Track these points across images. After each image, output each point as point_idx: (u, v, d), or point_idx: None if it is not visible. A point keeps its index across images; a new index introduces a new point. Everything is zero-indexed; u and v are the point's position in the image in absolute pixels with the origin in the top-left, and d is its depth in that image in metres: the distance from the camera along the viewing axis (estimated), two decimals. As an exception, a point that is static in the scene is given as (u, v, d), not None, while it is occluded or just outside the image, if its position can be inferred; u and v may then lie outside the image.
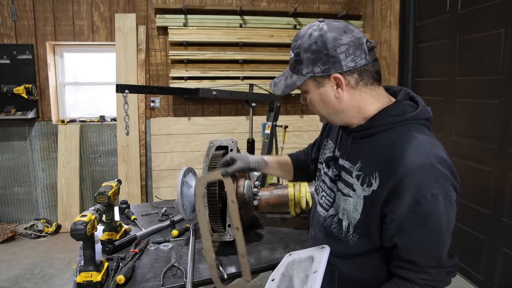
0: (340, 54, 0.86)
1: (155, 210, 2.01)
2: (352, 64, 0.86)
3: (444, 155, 0.86)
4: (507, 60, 2.28)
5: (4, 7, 3.58)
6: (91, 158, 3.93)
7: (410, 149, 0.83)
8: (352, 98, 0.91)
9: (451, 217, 0.84)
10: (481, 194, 2.52)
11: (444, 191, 0.81)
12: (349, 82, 0.89)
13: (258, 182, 1.60)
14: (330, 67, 0.87)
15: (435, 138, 0.91)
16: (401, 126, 0.89)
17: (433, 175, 0.81)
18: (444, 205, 0.81)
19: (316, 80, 0.91)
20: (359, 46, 0.86)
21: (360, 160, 0.94)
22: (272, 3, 4.08)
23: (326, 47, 0.86)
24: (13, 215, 3.86)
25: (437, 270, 0.86)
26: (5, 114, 3.57)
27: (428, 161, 0.82)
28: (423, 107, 0.92)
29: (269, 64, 3.93)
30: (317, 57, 0.87)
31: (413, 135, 0.86)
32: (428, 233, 0.83)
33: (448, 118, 2.83)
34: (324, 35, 0.86)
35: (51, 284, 2.73)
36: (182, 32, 3.69)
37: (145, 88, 2.79)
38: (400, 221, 0.84)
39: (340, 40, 0.86)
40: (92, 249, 1.23)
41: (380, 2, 3.66)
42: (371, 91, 0.92)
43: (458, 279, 2.73)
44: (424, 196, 0.80)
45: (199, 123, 3.94)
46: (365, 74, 0.89)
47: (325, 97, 0.92)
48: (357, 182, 0.93)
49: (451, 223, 0.85)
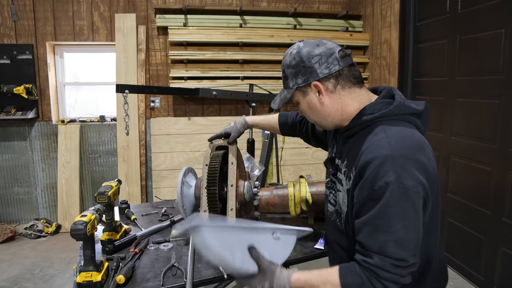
0: (315, 64, 0.99)
1: (155, 210, 2.01)
2: (327, 71, 0.99)
3: (414, 150, 0.90)
4: (507, 60, 2.28)
5: (4, 7, 3.59)
6: (91, 158, 3.93)
7: (376, 142, 0.91)
8: (333, 102, 1.02)
9: (405, 209, 0.86)
10: (481, 194, 2.52)
11: (399, 181, 0.85)
12: (327, 88, 1.01)
13: (258, 182, 1.60)
14: (309, 76, 1.01)
15: (415, 131, 0.96)
16: (376, 123, 0.96)
17: (391, 166, 0.86)
18: (397, 196, 0.85)
19: (301, 90, 1.04)
20: (330, 55, 0.99)
21: (346, 158, 1.03)
22: (272, 3, 4.08)
23: (302, 60, 1.00)
24: (13, 215, 3.86)
25: (379, 257, 0.88)
26: (5, 114, 3.57)
27: (389, 153, 0.87)
28: (399, 103, 0.97)
29: (269, 64, 3.93)
30: (297, 70, 1.02)
31: (382, 130, 0.93)
32: (375, 217, 0.88)
33: (448, 118, 2.83)
34: (300, 51, 1.01)
35: (51, 284, 2.73)
36: (182, 32, 3.68)
37: (145, 88, 2.79)
38: (358, 205, 0.93)
39: (313, 52, 1.00)
40: (92, 249, 1.23)
41: (380, 2, 3.66)
42: (350, 93, 1.02)
43: (458, 279, 2.73)
44: (378, 184, 0.86)
45: (199, 123, 3.94)
46: (341, 78, 1.00)
47: (311, 104, 1.05)
48: (344, 178, 1.03)
49: (407, 216, 0.86)
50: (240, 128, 1.57)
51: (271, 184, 2.41)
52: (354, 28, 4.05)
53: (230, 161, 1.49)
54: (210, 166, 1.47)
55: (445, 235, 2.92)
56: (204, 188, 1.44)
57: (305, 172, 4.05)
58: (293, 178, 4.04)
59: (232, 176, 1.46)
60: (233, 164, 1.48)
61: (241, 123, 1.57)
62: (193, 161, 3.86)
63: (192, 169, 1.68)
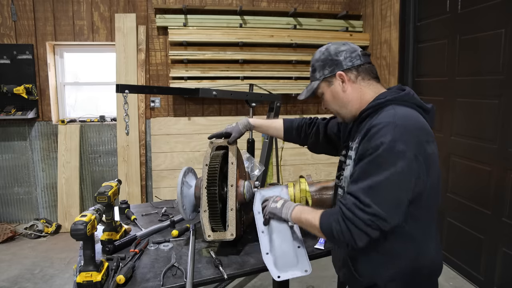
0: (340, 57, 1.15)
1: (155, 210, 2.01)
2: (350, 63, 1.15)
3: (416, 128, 1.00)
4: (507, 60, 2.28)
5: (4, 7, 3.59)
6: (91, 158, 3.93)
7: (384, 114, 1.04)
8: (354, 90, 1.16)
9: (390, 166, 0.95)
10: (481, 194, 2.52)
11: (392, 143, 0.95)
12: (350, 78, 1.15)
13: (258, 182, 1.60)
14: (335, 68, 1.16)
15: (421, 117, 1.06)
16: (388, 105, 1.08)
17: (391, 130, 0.97)
18: (387, 154, 0.96)
19: (327, 80, 1.18)
20: (354, 51, 1.16)
21: (358, 136, 1.12)
22: (272, 3, 4.08)
23: (330, 54, 1.17)
24: (13, 215, 3.86)
25: (350, 198, 1.00)
26: (5, 114, 3.57)
27: (393, 120, 0.99)
28: (409, 92, 1.11)
29: (269, 64, 3.93)
30: (325, 63, 1.17)
31: (392, 108, 1.05)
32: (363, 168, 1.00)
33: (448, 118, 2.83)
34: (328, 48, 1.19)
35: (51, 284, 2.73)
36: (182, 32, 3.68)
37: (145, 88, 2.78)
38: (356, 160, 1.06)
39: (340, 48, 1.16)
40: (92, 249, 1.23)
41: (380, 2, 3.66)
42: (369, 85, 1.16)
43: (458, 279, 2.73)
44: (375, 142, 0.98)
45: (199, 123, 3.94)
46: (361, 71, 1.15)
47: (335, 93, 1.18)
48: (353, 153, 1.12)
49: (391, 174, 0.95)
50: (241, 129, 1.57)
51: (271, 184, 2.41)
52: (354, 28, 4.05)
53: (230, 161, 1.49)
54: (210, 166, 1.47)
55: (445, 235, 2.92)
56: (204, 188, 1.44)
57: (305, 172, 4.05)
58: (293, 178, 4.04)
59: (232, 176, 1.46)
60: (233, 164, 1.48)
61: (243, 124, 1.57)
62: (193, 161, 3.86)
63: (192, 169, 1.68)
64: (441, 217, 2.94)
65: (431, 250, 1.09)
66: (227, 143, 1.55)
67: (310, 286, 2.65)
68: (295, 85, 3.96)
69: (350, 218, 0.97)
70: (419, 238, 1.06)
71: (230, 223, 1.41)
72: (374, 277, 1.09)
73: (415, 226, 1.04)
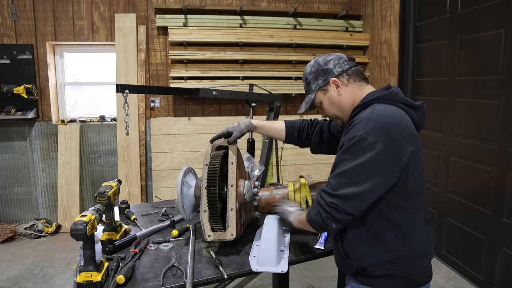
0: (330, 66, 1.25)
1: (155, 210, 2.01)
2: (340, 69, 1.24)
3: (390, 123, 1.07)
4: (507, 60, 2.28)
5: (4, 7, 3.59)
6: (91, 158, 3.93)
7: (363, 112, 1.14)
8: (348, 93, 1.24)
9: (356, 158, 1.05)
10: (481, 194, 2.52)
11: (363, 136, 1.05)
12: (343, 82, 1.24)
13: (258, 182, 1.60)
14: (327, 76, 1.25)
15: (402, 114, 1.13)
16: (372, 104, 1.16)
17: (364, 125, 1.07)
18: (356, 147, 1.06)
19: (322, 89, 1.27)
20: (341, 58, 1.26)
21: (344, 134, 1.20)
22: (272, 3, 4.08)
23: (320, 65, 1.27)
24: (13, 215, 3.86)
25: (327, 184, 1.13)
26: (5, 114, 3.57)
27: (368, 117, 1.09)
28: (392, 91, 1.18)
29: (269, 64, 3.93)
30: (317, 74, 1.27)
31: (372, 107, 1.14)
32: (337, 157, 1.13)
33: (448, 118, 2.83)
34: (317, 60, 1.29)
35: (51, 284, 2.73)
36: (182, 32, 3.68)
37: (145, 88, 2.78)
38: (337, 150, 1.16)
39: (327, 58, 1.27)
40: (92, 249, 1.23)
41: (380, 2, 3.66)
42: (359, 86, 1.24)
43: (458, 279, 2.73)
44: (350, 136, 1.08)
45: (199, 123, 3.94)
46: (351, 73, 1.25)
47: (332, 99, 1.27)
48: None
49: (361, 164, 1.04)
50: (243, 129, 1.57)
51: (271, 184, 2.41)
52: (354, 28, 4.05)
53: (230, 161, 1.49)
54: (210, 166, 1.47)
55: (445, 235, 2.92)
56: (204, 188, 1.44)
57: (305, 172, 4.05)
58: (293, 178, 4.04)
59: (232, 176, 1.46)
60: (233, 164, 1.48)
61: (245, 124, 1.58)
62: (193, 161, 3.87)
63: (192, 169, 1.68)
64: (441, 217, 2.94)
65: (418, 239, 1.14)
66: (227, 143, 1.55)
67: (310, 286, 2.65)
68: (295, 85, 3.96)
69: (319, 201, 1.13)
70: (406, 227, 1.12)
71: (230, 223, 1.41)
72: (363, 262, 1.16)
73: (400, 215, 1.12)
